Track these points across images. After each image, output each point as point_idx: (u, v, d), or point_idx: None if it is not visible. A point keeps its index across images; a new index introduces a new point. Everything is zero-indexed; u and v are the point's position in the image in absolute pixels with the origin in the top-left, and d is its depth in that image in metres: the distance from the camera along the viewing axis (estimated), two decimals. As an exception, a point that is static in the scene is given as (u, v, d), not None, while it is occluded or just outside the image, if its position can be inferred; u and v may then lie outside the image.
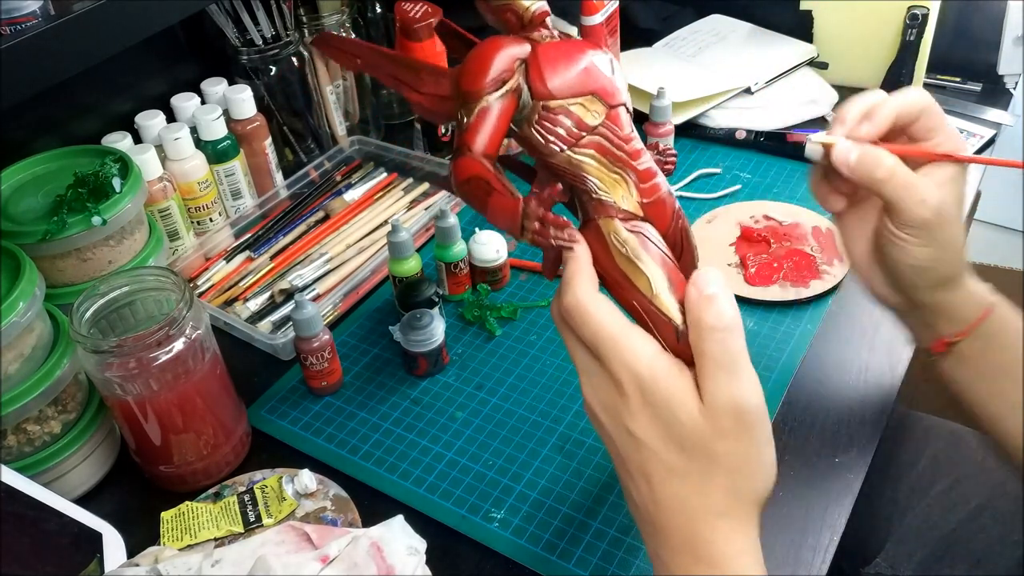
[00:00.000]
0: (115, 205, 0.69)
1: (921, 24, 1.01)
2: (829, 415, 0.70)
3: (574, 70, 0.46)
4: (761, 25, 1.15)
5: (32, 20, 0.60)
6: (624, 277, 0.46)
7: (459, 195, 0.48)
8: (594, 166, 0.46)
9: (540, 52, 0.46)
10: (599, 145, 0.46)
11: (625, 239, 0.46)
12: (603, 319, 0.44)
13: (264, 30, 0.91)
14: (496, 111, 0.45)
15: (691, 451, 0.43)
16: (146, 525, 0.62)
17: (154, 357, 0.60)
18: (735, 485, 0.43)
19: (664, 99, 0.93)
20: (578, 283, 0.45)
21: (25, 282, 0.61)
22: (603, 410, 0.46)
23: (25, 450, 0.63)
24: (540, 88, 0.46)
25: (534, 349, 0.78)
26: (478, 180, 0.45)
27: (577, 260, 0.46)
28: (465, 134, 0.46)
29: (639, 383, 0.43)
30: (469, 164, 0.46)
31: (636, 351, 0.43)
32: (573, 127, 0.46)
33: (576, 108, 0.46)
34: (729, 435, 0.42)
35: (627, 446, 0.45)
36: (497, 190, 0.45)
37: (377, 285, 0.87)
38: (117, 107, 0.89)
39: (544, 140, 0.46)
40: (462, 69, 0.47)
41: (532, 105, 0.46)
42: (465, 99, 0.46)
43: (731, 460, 0.43)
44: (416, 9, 0.93)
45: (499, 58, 0.46)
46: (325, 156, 1.01)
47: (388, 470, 0.68)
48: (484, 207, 0.46)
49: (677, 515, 0.44)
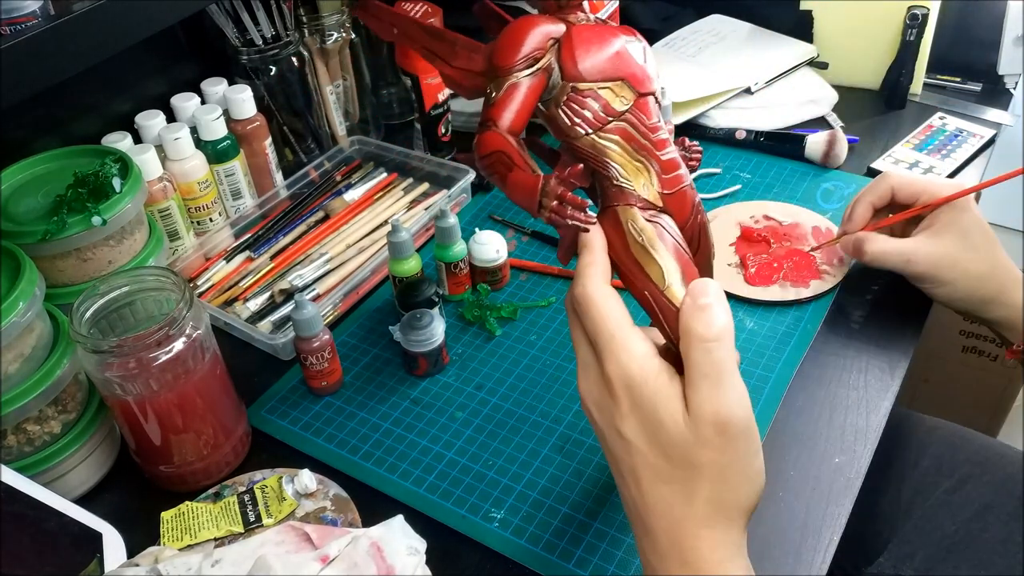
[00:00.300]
0: (115, 205, 0.69)
1: (921, 24, 1.01)
2: (829, 415, 0.70)
3: (606, 53, 0.46)
4: (761, 25, 1.15)
5: (32, 20, 0.60)
6: (638, 266, 0.46)
7: (480, 168, 0.47)
8: (618, 152, 0.46)
9: (574, 33, 0.46)
10: (624, 131, 0.46)
11: (642, 228, 0.46)
12: (607, 314, 0.44)
13: (264, 30, 0.91)
14: (525, 88, 0.46)
15: (675, 458, 0.43)
16: (146, 525, 0.62)
17: (154, 357, 0.60)
18: (718, 496, 0.43)
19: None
20: (590, 274, 0.45)
21: (25, 282, 0.61)
22: (596, 408, 0.46)
23: (25, 450, 0.63)
24: (571, 69, 0.46)
25: (534, 349, 0.78)
26: (500, 155, 0.45)
27: (592, 250, 0.46)
28: (492, 108, 0.46)
29: (628, 384, 0.43)
30: (493, 138, 0.45)
31: (631, 351, 0.43)
32: (600, 111, 0.46)
33: (605, 92, 0.46)
34: (712, 446, 0.42)
35: (617, 446, 0.45)
36: (519, 165, 0.45)
37: (377, 285, 0.87)
38: (117, 107, 0.89)
39: (570, 122, 0.46)
40: (496, 44, 0.47)
41: (561, 86, 0.46)
42: (496, 74, 0.46)
43: (714, 471, 0.43)
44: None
45: (532, 35, 0.46)
46: (325, 156, 1.01)
47: (388, 470, 0.68)
48: (504, 182, 0.46)
49: (663, 519, 0.44)
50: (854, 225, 0.76)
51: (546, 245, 0.90)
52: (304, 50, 0.96)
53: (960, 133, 1.01)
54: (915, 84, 1.07)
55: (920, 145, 1.00)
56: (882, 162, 0.97)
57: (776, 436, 0.68)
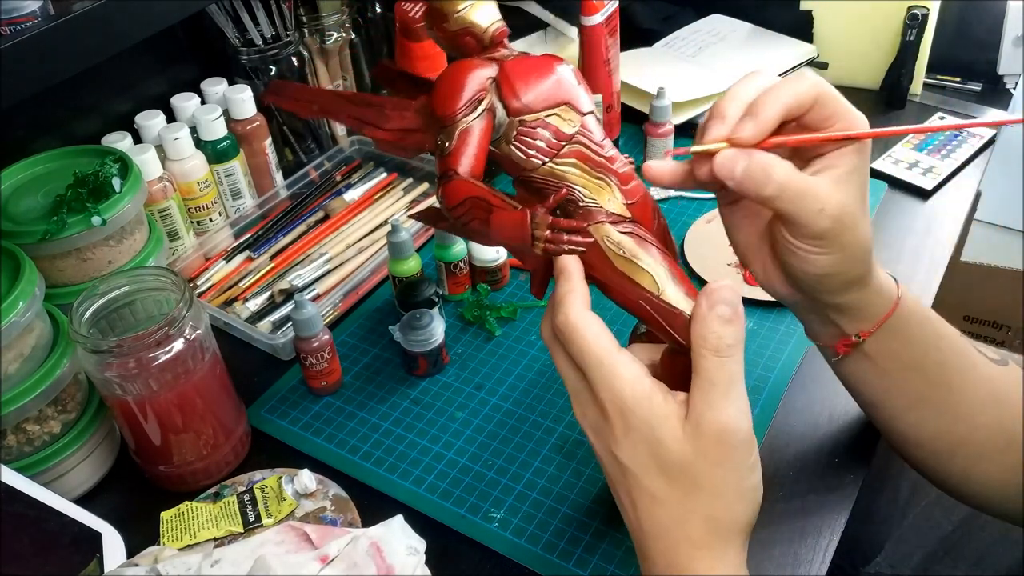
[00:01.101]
0: (115, 205, 0.69)
1: (921, 24, 1.01)
2: (829, 415, 0.70)
3: (545, 82, 0.46)
4: (761, 25, 1.16)
5: (32, 20, 0.60)
6: (626, 278, 0.46)
7: (450, 223, 0.47)
8: (577, 174, 0.46)
9: (509, 68, 0.46)
10: (579, 153, 0.46)
11: (619, 241, 0.46)
12: (593, 340, 0.43)
13: (264, 30, 0.91)
14: (477, 131, 0.45)
15: (673, 475, 0.43)
16: (146, 525, 0.62)
17: (154, 357, 0.60)
18: (715, 513, 0.43)
19: (664, 99, 0.93)
20: (571, 302, 0.44)
21: (25, 282, 0.61)
22: (591, 432, 0.46)
23: (25, 450, 0.63)
24: (514, 103, 0.46)
25: (534, 349, 0.78)
26: (474, 200, 0.45)
27: (569, 277, 0.45)
28: (448, 158, 0.45)
29: (622, 408, 0.43)
30: (460, 186, 0.45)
31: (621, 375, 0.43)
32: (552, 138, 0.46)
33: (552, 119, 0.46)
34: (711, 457, 0.42)
35: (613, 469, 0.45)
36: (497, 205, 0.45)
37: (377, 285, 0.87)
38: (117, 107, 0.89)
39: (525, 155, 0.46)
40: (434, 95, 0.47)
41: (508, 122, 0.46)
42: (443, 123, 0.46)
43: (712, 483, 0.42)
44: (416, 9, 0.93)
45: (471, 79, 0.46)
46: (325, 156, 1.01)
47: (388, 470, 0.68)
48: (486, 226, 0.46)
49: (659, 541, 0.44)
50: (751, 133, 0.46)
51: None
52: (304, 50, 0.96)
53: (960, 133, 1.01)
54: (915, 84, 1.07)
55: (920, 145, 1.00)
56: (882, 162, 0.97)
57: (776, 436, 0.68)
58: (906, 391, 0.57)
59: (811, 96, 0.47)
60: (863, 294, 0.53)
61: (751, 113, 0.46)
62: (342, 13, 0.99)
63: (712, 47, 1.13)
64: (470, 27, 0.47)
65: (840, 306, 0.54)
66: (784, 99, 0.46)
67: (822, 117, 0.48)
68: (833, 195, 0.47)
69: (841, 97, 0.49)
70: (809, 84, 0.48)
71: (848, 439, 0.68)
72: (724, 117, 0.47)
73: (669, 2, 1.24)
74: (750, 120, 0.46)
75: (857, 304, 0.54)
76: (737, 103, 0.47)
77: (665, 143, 0.96)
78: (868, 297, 0.54)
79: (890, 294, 0.55)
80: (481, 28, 0.47)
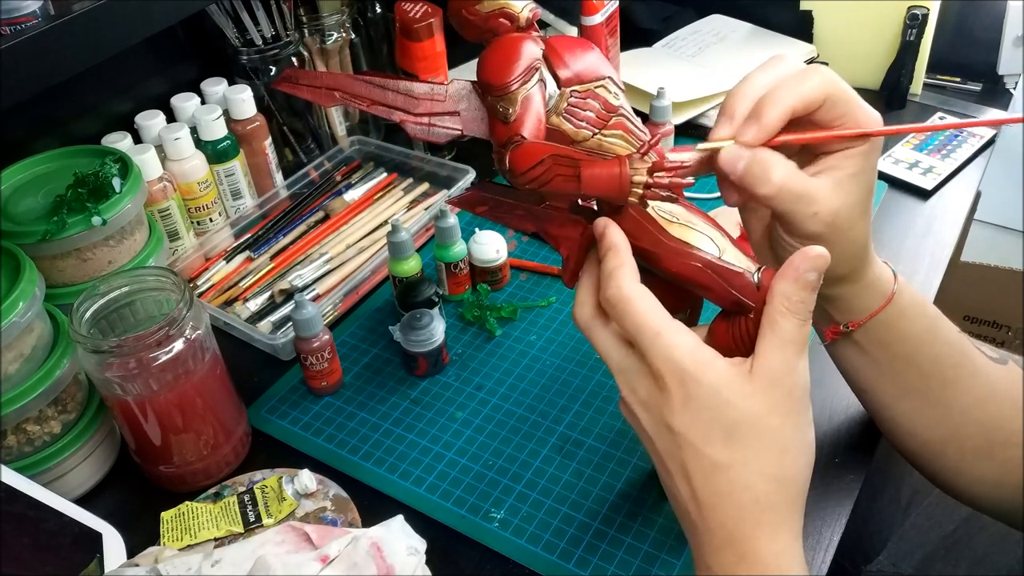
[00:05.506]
0: (115, 205, 0.69)
1: (921, 24, 1.01)
2: (829, 415, 0.70)
3: (590, 55, 0.47)
4: (761, 25, 1.16)
5: (32, 20, 0.60)
6: (685, 244, 0.45)
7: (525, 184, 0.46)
8: (623, 146, 0.47)
9: (554, 42, 0.47)
10: (623, 125, 0.47)
11: (670, 210, 0.46)
12: (649, 311, 0.43)
13: (264, 30, 0.91)
14: (538, 98, 0.46)
15: (739, 435, 0.42)
16: (146, 525, 0.62)
17: (154, 357, 0.60)
18: (781, 469, 0.43)
19: (664, 99, 0.93)
20: (622, 275, 0.44)
21: (25, 282, 0.61)
22: (642, 407, 0.45)
23: (25, 450, 0.63)
24: (564, 73, 0.46)
25: (534, 349, 0.78)
26: (555, 158, 0.45)
27: (618, 251, 0.45)
28: (515, 123, 0.45)
29: (682, 376, 0.42)
30: (534, 147, 0.45)
31: (680, 345, 0.43)
32: (601, 108, 0.46)
33: (600, 90, 0.47)
34: (780, 410, 0.42)
35: (667, 443, 0.44)
36: (584, 159, 0.45)
37: (377, 285, 0.87)
38: (117, 107, 0.89)
39: (575, 126, 0.46)
40: (484, 67, 0.47)
41: (560, 93, 0.46)
42: (497, 92, 0.46)
43: (783, 437, 0.43)
44: (416, 9, 0.93)
45: (524, 48, 0.46)
46: (325, 156, 1.01)
47: (388, 470, 0.68)
48: (572, 182, 0.45)
49: (718, 512, 0.43)
50: (752, 137, 0.47)
51: (546, 245, 0.90)
52: (304, 50, 0.96)
53: (960, 133, 1.01)
54: (915, 84, 1.07)
55: (920, 145, 1.00)
56: (882, 162, 0.97)
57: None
58: (897, 381, 0.57)
59: (819, 97, 0.48)
60: (854, 288, 0.55)
61: (755, 115, 0.47)
62: (342, 13, 0.99)
63: (712, 47, 1.13)
64: (504, 8, 0.48)
65: (829, 297, 0.56)
66: (789, 102, 0.47)
67: (832, 116, 0.49)
68: (830, 199, 0.48)
69: (854, 97, 0.49)
70: (818, 84, 0.48)
71: (849, 439, 0.68)
72: (732, 116, 0.48)
73: (669, 2, 1.24)
74: (754, 123, 0.47)
75: (847, 296, 0.55)
76: (746, 101, 0.48)
77: (665, 143, 0.96)
78: (858, 291, 0.55)
79: (884, 288, 0.56)
80: (516, 9, 0.48)
